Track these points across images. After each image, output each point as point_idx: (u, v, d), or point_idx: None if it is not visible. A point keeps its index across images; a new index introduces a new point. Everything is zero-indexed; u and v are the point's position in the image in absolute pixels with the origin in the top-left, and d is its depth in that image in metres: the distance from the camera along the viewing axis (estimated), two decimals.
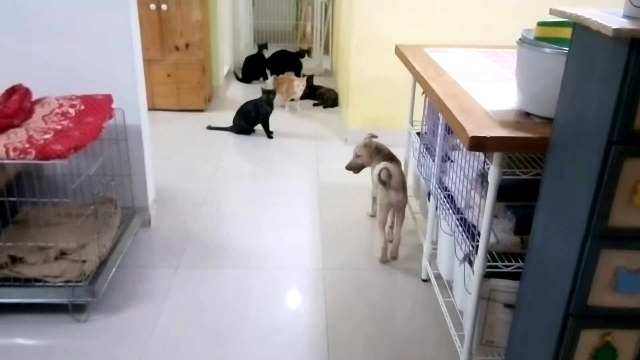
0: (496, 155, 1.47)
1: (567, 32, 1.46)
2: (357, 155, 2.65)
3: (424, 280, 2.33)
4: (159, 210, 2.80)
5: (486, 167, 1.55)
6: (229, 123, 4.05)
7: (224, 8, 5.12)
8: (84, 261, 2.05)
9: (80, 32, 2.32)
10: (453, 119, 1.57)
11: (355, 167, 2.66)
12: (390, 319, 2.10)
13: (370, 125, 3.85)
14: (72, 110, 2.14)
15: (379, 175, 2.31)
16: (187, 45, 4.34)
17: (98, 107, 2.19)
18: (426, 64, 2.23)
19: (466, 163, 1.87)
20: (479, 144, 1.42)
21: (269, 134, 3.96)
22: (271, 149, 3.78)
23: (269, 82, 4.79)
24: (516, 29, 3.55)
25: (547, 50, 1.46)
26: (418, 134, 2.63)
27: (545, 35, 1.51)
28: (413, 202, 2.74)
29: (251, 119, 3.97)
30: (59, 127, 2.01)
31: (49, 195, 2.24)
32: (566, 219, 1.30)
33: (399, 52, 2.60)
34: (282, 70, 5.48)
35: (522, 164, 1.59)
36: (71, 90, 2.29)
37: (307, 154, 3.69)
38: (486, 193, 1.68)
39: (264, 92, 3.95)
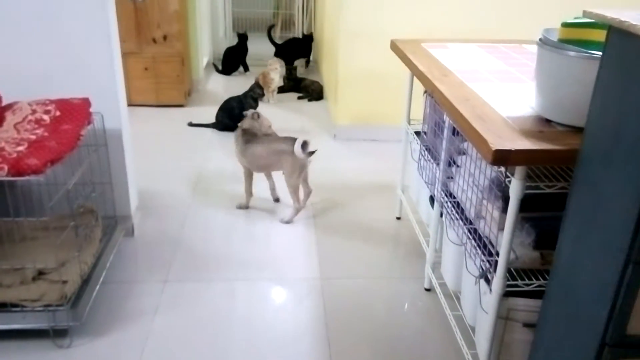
0: (519, 168, 1.36)
1: (595, 35, 1.35)
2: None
3: (427, 290, 2.22)
4: (143, 218, 2.63)
5: (506, 179, 1.44)
6: (211, 119, 3.88)
7: None
8: (64, 282, 1.89)
9: (54, 29, 2.13)
10: (470, 129, 1.44)
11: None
12: (396, 333, 1.99)
13: (360, 121, 3.72)
14: (46, 117, 1.96)
15: (303, 145, 2.53)
16: (165, 37, 4.14)
17: (75, 112, 2.01)
18: (429, 62, 2.10)
19: (476, 169, 1.76)
20: (502, 158, 1.31)
21: None
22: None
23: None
24: (514, 22, 3.48)
25: (573, 53, 1.34)
26: (417, 133, 2.51)
27: (571, 37, 1.39)
28: (413, 206, 2.63)
29: (235, 116, 3.79)
30: (33, 136, 1.83)
31: (24, 208, 2.06)
32: (600, 240, 1.19)
33: (395, 47, 2.46)
34: (294, 58, 5.34)
35: (543, 175, 1.48)
36: (45, 94, 2.10)
37: None
38: (502, 204, 1.58)
39: (252, 87, 3.78)
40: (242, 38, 5.15)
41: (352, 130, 3.74)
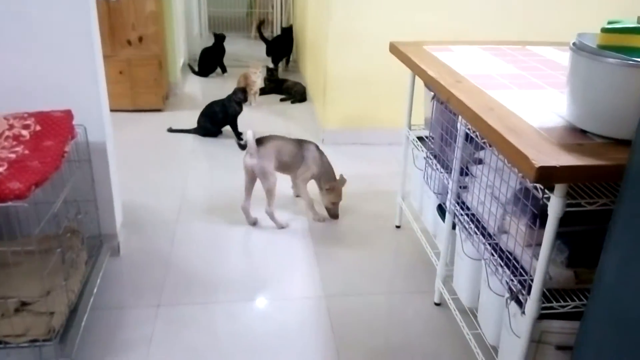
0: (560, 185, 1.26)
1: (639, 41, 1.25)
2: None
3: (437, 304, 2.12)
4: (128, 235, 2.46)
5: (544, 196, 1.33)
6: (191, 123, 3.70)
7: None
8: (51, 313, 1.72)
9: (32, 37, 1.94)
10: (504, 143, 1.33)
11: None
12: (411, 353, 1.88)
13: (350, 124, 3.60)
14: (25, 133, 1.78)
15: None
16: (140, 39, 3.94)
17: (57, 126, 1.83)
18: (437, 66, 1.99)
19: (497, 179, 1.66)
20: (547, 175, 1.20)
21: (239, 136, 3.64)
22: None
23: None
24: (505, 22, 3.42)
25: (616, 61, 1.24)
26: (419, 138, 2.40)
27: (611, 44, 1.30)
28: (415, 214, 2.52)
29: (218, 121, 3.63)
30: (13, 155, 1.65)
31: (5, 230, 1.88)
32: None
33: (395, 49, 2.35)
34: (283, 55, 5.26)
35: (571, 187, 1.39)
36: (22, 106, 1.92)
37: None
38: (529, 219, 1.48)
39: (236, 90, 3.61)
40: (219, 38, 4.97)
41: (341, 134, 3.62)
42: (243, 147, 2.55)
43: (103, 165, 2.19)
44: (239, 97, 3.59)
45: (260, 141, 2.55)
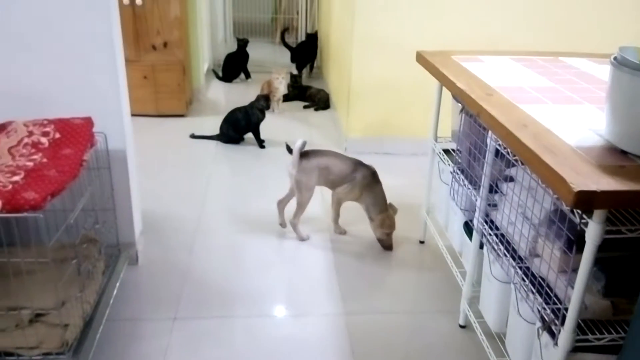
0: (600, 211, 1.17)
1: None
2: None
3: (462, 327, 2.04)
4: (147, 244, 2.42)
5: (582, 222, 1.25)
6: (214, 129, 3.67)
7: (202, 2, 4.70)
8: (65, 325, 1.68)
9: (53, 43, 1.92)
10: (539, 163, 1.26)
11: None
12: None
13: (374, 133, 3.53)
14: (44, 140, 1.75)
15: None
16: (165, 44, 3.93)
17: (76, 134, 1.80)
18: (466, 78, 1.91)
19: (529, 199, 1.57)
20: (586, 201, 1.12)
21: (261, 144, 3.60)
22: (265, 162, 3.42)
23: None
24: (536, 32, 3.31)
25: None
26: (445, 151, 2.32)
27: None
28: (440, 229, 2.44)
29: (241, 128, 3.60)
30: (30, 163, 1.63)
31: (18, 238, 1.85)
32: None
33: (422, 59, 2.28)
34: (307, 61, 5.22)
35: (620, 213, 1.30)
36: (43, 113, 1.90)
37: None
38: (564, 244, 1.40)
39: (259, 98, 3.58)
40: (242, 44, 4.94)
41: (365, 143, 3.55)
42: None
43: (123, 173, 2.16)
44: (262, 104, 3.55)
45: (306, 154, 2.46)
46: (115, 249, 2.18)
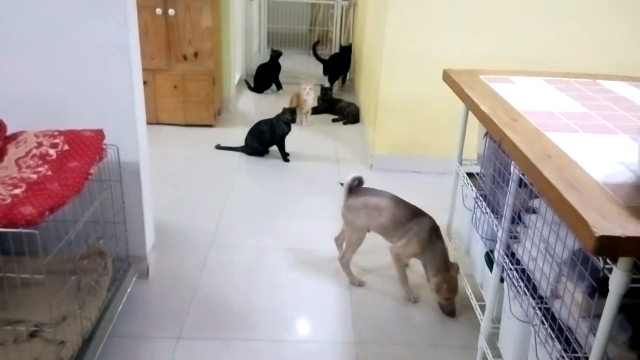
0: (625, 258, 1.05)
1: None
2: None
3: None
4: (159, 257, 2.38)
5: (605, 267, 1.13)
6: (241, 141, 3.64)
7: (236, 12, 4.70)
8: (62, 342, 1.64)
9: (69, 52, 1.91)
10: (561, 201, 1.14)
11: None
12: None
13: (401, 150, 3.43)
14: (53, 152, 1.73)
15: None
16: (195, 54, 3.93)
17: (85, 146, 1.77)
18: (492, 100, 1.80)
19: (552, 234, 1.45)
20: (609, 247, 1.00)
21: (285, 157, 3.54)
22: (288, 176, 3.35)
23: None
24: (575, 51, 3.15)
25: None
26: (469, 174, 2.20)
27: None
28: (463, 259, 2.32)
29: (266, 140, 3.55)
30: (34, 176, 1.60)
31: (18, 250, 1.83)
32: None
33: (448, 78, 2.17)
34: (339, 74, 5.17)
35: None
36: (57, 122, 1.89)
37: (329, 183, 3.27)
38: (587, 288, 1.27)
39: (285, 111, 3.53)
40: (275, 55, 4.92)
41: (391, 160, 3.45)
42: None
43: (135, 185, 2.12)
44: (287, 117, 3.49)
45: (356, 191, 2.25)
46: (125, 263, 2.14)
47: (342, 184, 2.29)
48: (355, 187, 2.26)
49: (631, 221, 1.04)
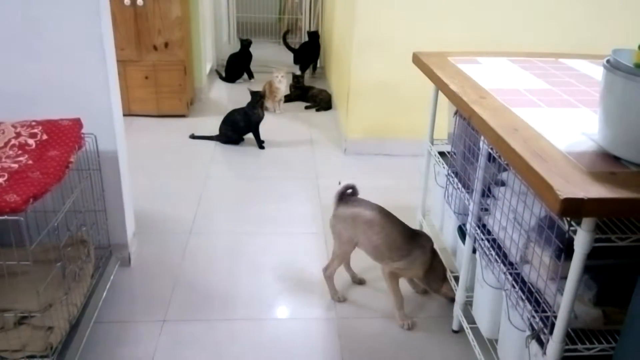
0: (588, 219, 1.14)
1: None
2: None
3: (455, 332, 2.00)
4: (140, 245, 2.41)
5: (570, 229, 1.21)
6: (214, 129, 3.65)
7: (205, 2, 4.68)
8: (50, 328, 1.67)
9: (42, 43, 1.91)
10: (527, 169, 1.22)
11: None
12: None
13: (374, 134, 3.50)
14: (32, 142, 1.74)
15: None
16: (166, 44, 3.91)
17: (64, 135, 1.79)
18: (460, 80, 1.87)
19: (520, 204, 1.53)
20: (573, 209, 1.08)
21: (260, 144, 3.57)
22: (264, 162, 3.39)
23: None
24: (538, 32, 3.26)
25: None
26: (441, 154, 2.28)
27: None
28: (437, 235, 2.40)
29: (240, 129, 3.57)
30: (15, 165, 1.61)
31: (3, 239, 1.84)
32: None
33: (418, 61, 2.24)
34: (310, 62, 5.15)
35: (612, 221, 1.26)
36: (33, 113, 1.88)
37: (304, 167, 3.32)
38: (554, 248, 1.36)
39: (251, 94, 3.56)
40: (245, 44, 4.92)
41: (364, 144, 3.52)
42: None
43: (114, 174, 2.14)
44: (257, 99, 3.52)
45: (348, 201, 2.06)
46: (107, 251, 2.16)
47: (262, 146, 2.09)
48: (346, 196, 2.08)
49: (593, 185, 1.13)
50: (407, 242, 1.99)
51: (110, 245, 2.18)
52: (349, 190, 2.09)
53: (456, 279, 2.02)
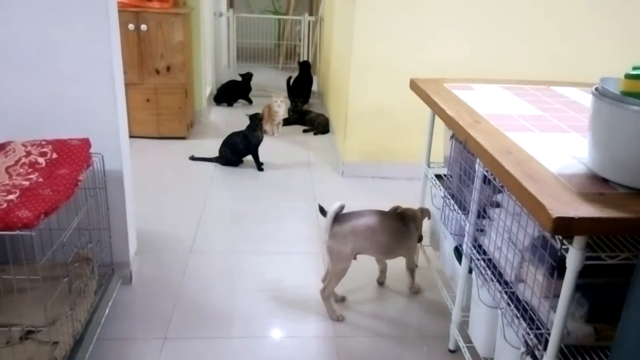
0: (579, 237, 1.19)
1: None
2: None
3: (452, 351, 2.04)
4: (141, 264, 2.44)
5: (562, 247, 1.27)
6: (214, 152, 3.72)
7: (206, 27, 4.79)
8: (55, 343, 1.70)
9: (53, 65, 1.98)
10: (520, 190, 1.28)
11: None
12: None
13: (370, 157, 3.57)
14: (42, 160, 1.79)
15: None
16: (168, 68, 4.00)
17: (73, 155, 1.84)
18: (456, 105, 1.95)
19: (514, 224, 1.59)
20: (564, 227, 1.14)
21: (260, 166, 3.64)
22: (263, 184, 3.45)
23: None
24: (531, 60, 3.37)
25: (638, 108, 1.19)
26: (437, 176, 2.35)
27: (636, 90, 1.24)
28: (434, 256, 2.45)
29: (240, 151, 3.64)
30: (26, 182, 1.66)
31: (12, 255, 1.88)
32: None
33: (415, 86, 2.32)
34: (301, 94, 4.98)
35: (602, 241, 1.32)
36: (42, 133, 1.95)
37: (302, 189, 3.38)
38: (548, 267, 1.41)
39: (250, 117, 3.64)
40: (248, 77, 5.04)
41: (361, 167, 3.59)
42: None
43: (119, 193, 2.19)
44: (256, 122, 3.60)
45: (341, 218, 2.10)
46: (109, 269, 2.20)
47: (323, 212, 2.11)
48: (338, 215, 2.11)
49: (583, 204, 1.19)
50: (404, 222, 2.20)
51: (113, 263, 2.22)
52: (341, 210, 2.11)
53: (453, 299, 2.06)
